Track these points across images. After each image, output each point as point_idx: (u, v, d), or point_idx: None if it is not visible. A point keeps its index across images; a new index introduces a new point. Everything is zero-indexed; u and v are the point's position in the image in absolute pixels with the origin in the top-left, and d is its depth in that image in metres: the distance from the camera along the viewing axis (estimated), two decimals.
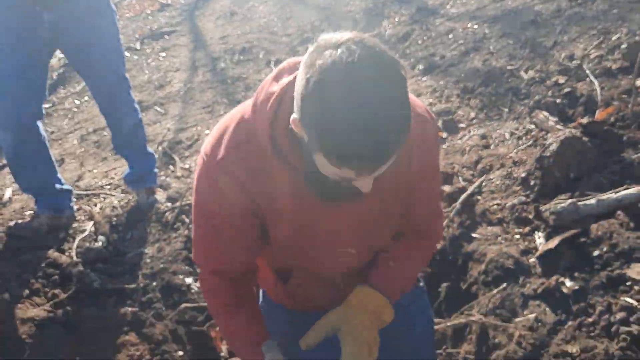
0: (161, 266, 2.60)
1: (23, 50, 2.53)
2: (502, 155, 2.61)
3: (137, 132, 3.00)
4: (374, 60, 0.89)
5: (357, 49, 0.88)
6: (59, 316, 2.26)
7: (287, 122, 1.01)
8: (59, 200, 2.90)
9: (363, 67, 0.87)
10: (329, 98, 0.88)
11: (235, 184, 1.14)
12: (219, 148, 1.14)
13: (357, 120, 0.86)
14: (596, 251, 2.00)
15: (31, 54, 2.56)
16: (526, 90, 2.96)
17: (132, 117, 2.94)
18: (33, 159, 2.74)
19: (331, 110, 0.88)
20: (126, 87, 2.89)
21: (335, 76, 0.87)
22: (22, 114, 2.60)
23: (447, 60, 3.63)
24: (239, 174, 1.13)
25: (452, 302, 2.36)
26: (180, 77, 5.07)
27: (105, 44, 2.71)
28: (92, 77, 2.82)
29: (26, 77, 2.57)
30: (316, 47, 0.92)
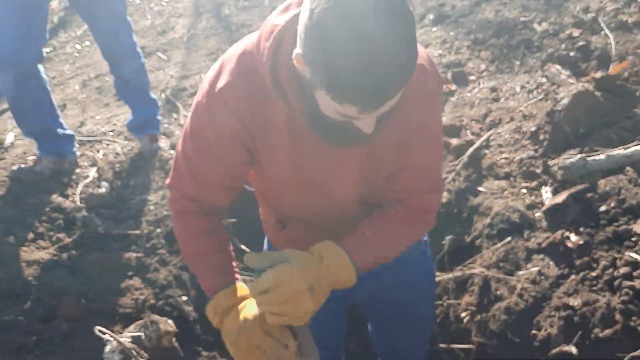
0: (164, 213, 2.60)
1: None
2: (511, 108, 2.57)
3: (140, 76, 2.96)
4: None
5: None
6: (63, 259, 2.28)
7: (289, 56, 0.98)
8: (61, 145, 2.89)
9: (370, 1, 0.84)
10: (333, 31, 0.85)
11: (232, 114, 1.12)
12: (219, 77, 1.12)
13: (361, 55, 0.84)
14: (603, 206, 1.99)
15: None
16: (539, 43, 2.89)
17: (134, 61, 2.90)
18: (34, 102, 2.72)
19: (335, 44, 0.85)
20: (127, 30, 2.84)
21: (341, 8, 0.84)
22: (22, 55, 2.56)
23: (458, 10, 3.53)
24: (236, 104, 1.11)
25: (456, 255, 2.37)
26: (183, 22, 4.95)
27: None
28: (93, 19, 2.78)
29: (26, 18, 2.53)
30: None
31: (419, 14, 3.70)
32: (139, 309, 2.14)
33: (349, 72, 0.86)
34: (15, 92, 2.67)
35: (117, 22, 2.77)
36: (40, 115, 2.78)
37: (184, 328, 2.16)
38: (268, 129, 1.14)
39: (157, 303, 2.18)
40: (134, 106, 3.06)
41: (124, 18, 2.81)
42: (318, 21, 0.86)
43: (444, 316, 2.33)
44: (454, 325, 2.28)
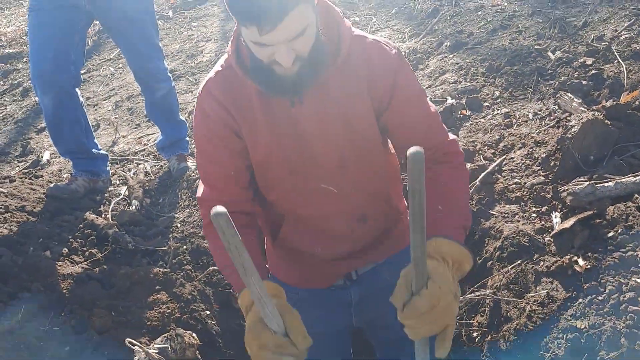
0: (191, 230, 2.73)
1: (64, 19, 2.66)
2: (524, 134, 2.65)
3: (170, 100, 3.12)
4: None
5: None
6: (95, 274, 2.41)
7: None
8: (95, 165, 3.06)
9: None
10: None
11: (216, 102, 1.32)
12: (206, 80, 1.36)
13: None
14: (611, 232, 2.05)
15: (71, 24, 2.70)
16: (552, 71, 2.97)
17: (165, 84, 3.07)
18: (71, 123, 2.88)
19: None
20: (159, 56, 3.01)
21: None
22: (62, 78, 2.74)
23: (475, 37, 3.63)
24: (218, 95, 1.32)
25: (468, 276, 2.43)
26: (211, 47, 5.14)
27: (140, 14, 2.82)
28: (126, 46, 2.95)
29: (66, 43, 2.72)
30: None
31: (437, 41, 3.81)
32: (165, 322, 2.25)
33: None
34: (53, 113, 2.83)
35: (150, 48, 2.94)
36: (76, 136, 2.94)
37: (207, 341, 2.26)
38: (246, 111, 1.32)
39: (182, 317, 2.30)
40: (163, 128, 3.22)
41: (156, 44, 2.98)
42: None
43: (456, 335, 2.40)
44: (466, 345, 2.35)
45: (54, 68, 2.70)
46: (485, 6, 4.04)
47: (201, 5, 6.43)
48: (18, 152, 4.03)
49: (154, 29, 2.95)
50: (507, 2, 3.98)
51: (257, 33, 1.09)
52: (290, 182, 1.43)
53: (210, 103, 1.33)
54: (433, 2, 4.51)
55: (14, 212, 2.65)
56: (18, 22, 7.39)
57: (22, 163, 3.83)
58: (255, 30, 1.09)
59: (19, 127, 4.48)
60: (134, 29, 2.85)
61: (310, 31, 1.16)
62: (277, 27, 1.08)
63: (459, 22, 3.97)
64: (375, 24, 4.58)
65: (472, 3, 4.20)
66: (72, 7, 2.68)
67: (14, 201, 2.75)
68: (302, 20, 1.11)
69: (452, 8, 4.24)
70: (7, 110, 4.87)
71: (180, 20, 6.11)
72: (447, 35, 3.81)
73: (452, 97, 3.07)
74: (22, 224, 2.59)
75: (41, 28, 2.68)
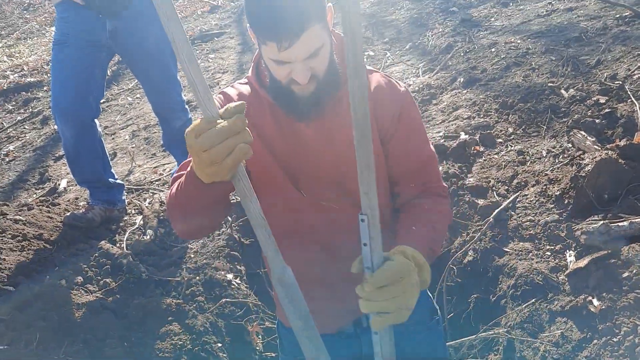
0: (204, 261, 2.75)
1: (86, 54, 2.75)
2: (537, 172, 2.66)
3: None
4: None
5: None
6: (109, 303, 2.43)
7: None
8: (111, 194, 3.10)
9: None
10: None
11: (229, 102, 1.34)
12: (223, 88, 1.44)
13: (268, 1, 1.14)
14: (625, 273, 2.04)
15: (93, 58, 2.78)
16: (566, 109, 2.99)
17: (183, 116, 3.12)
18: (89, 154, 2.94)
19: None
20: (177, 89, 3.07)
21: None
22: (82, 109, 2.81)
23: (489, 74, 3.67)
24: (234, 97, 1.37)
25: (481, 314, 2.43)
26: (227, 78, 5.24)
27: (159, 49, 2.89)
28: (145, 79, 3.02)
29: (87, 76, 2.80)
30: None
31: (450, 77, 3.86)
32: (176, 354, 2.25)
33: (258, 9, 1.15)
34: (72, 144, 2.88)
35: (167, 81, 3.00)
36: (94, 166, 2.98)
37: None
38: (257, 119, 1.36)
39: (193, 349, 2.30)
40: (179, 158, 3.27)
41: (174, 77, 3.04)
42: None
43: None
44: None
45: (74, 100, 2.77)
46: (499, 43, 4.09)
47: (218, 37, 6.58)
48: (36, 180, 4.10)
49: (172, 63, 3.02)
50: (520, 39, 4.03)
51: (277, 50, 1.17)
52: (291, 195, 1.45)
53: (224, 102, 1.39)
54: (447, 38, 4.58)
55: (31, 240, 2.69)
56: (40, 51, 7.60)
57: (39, 190, 3.90)
58: (274, 46, 1.17)
59: (37, 154, 4.57)
60: (152, 63, 2.92)
61: (325, 52, 1.24)
62: (294, 44, 1.16)
63: (472, 58, 4.03)
64: (390, 59, 4.65)
65: (486, 40, 4.26)
66: (94, 43, 2.77)
67: (32, 229, 2.80)
68: (317, 40, 1.19)
69: (466, 44, 4.30)
70: (27, 137, 4.98)
71: (198, 52, 6.24)
72: (460, 71, 3.86)
73: (465, 133, 3.09)
74: (39, 252, 2.63)
75: (64, 62, 2.76)
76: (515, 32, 4.23)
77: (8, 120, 5.54)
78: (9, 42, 8.67)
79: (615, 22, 3.78)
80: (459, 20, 4.85)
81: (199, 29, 7.04)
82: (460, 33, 4.58)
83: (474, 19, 4.81)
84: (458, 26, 4.75)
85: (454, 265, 2.55)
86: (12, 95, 6.19)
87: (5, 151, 4.78)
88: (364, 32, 5.40)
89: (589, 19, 3.99)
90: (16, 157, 4.61)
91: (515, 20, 4.49)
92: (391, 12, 5.75)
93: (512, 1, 4.99)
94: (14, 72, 6.95)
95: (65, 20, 2.74)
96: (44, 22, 9.20)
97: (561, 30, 3.96)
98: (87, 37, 2.74)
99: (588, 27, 3.84)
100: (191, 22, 7.53)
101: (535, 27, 4.17)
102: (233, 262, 2.82)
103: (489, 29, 4.49)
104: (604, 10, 4.08)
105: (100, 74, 2.90)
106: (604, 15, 3.97)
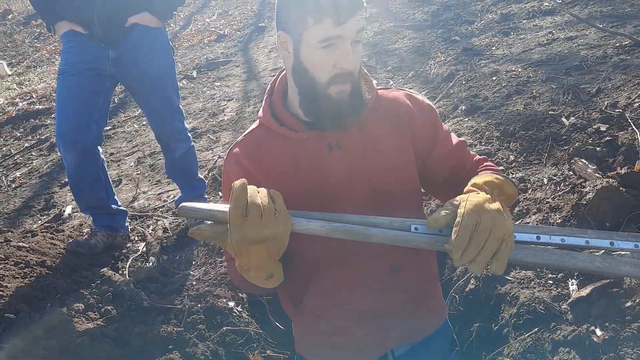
0: (206, 289, 2.75)
1: (90, 83, 2.81)
2: (539, 199, 2.66)
3: (189, 159, 3.21)
4: None
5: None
6: (110, 331, 2.43)
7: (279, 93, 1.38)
8: (115, 220, 3.13)
9: None
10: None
11: (237, 164, 1.39)
12: (233, 145, 1.45)
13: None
14: (628, 302, 2.03)
15: (96, 87, 2.84)
16: (566, 137, 3.00)
17: (185, 144, 3.16)
18: (91, 180, 2.97)
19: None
20: (180, 118, 3.11)
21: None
22: (85, 137, 2.85)
23: (490, 102, 3.70)
24: (240, 156, 1.39)
25: (484, 343, 2.40)
26: (232, 106, 5.30)
27: (161, 79, 2.95)
28: (147, 108, 3.06)
29: (90, 104, 2.85)
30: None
31: (452, 105, 3.89)
32: None
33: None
34: (75, 171, 2.92)
35: (169, 111, 3.04)
36: (96, 193, 3.02)
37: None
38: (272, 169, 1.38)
39: None
40: (182, 186, 3.30)
41: (176, 106, 3.09)
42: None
43: None
44: None
45: (76, 128, 2.82)
46: (500, 71, 4.14)
47: (224, 66, 6.68)
48: (41, 206, 4.13)
49: (174, 92, 3.06)
50: (521, 68, 4.08)
51: (331, 25, 1.20)
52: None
53: (232, 166, 1.39)
54: (449, 66, 4.64)
55: (34, 267, 2.71)
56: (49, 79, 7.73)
57: (44, 217, 3.93)
58: (329, 23, 1.20)
59: (43, 181, 4.62)
60: (154, 92, 2.97)
61: (361, 42, 1.29)
62: (352, 17, 1.20)
63: (474, 86, 4.06)
64: (393, 87, 4.69)
65: (487, 68, 4.31)
66: (98, 71, 2.84)
67: (35, 256, 2.81)
68: (364, 22, 1.24)
69: (468, 73, 4.35)
70: (34, 164, 5.03)
71: (204, 80, 6.34)
72: (462, 99, 3.90)
73: None
74: (41, 279, 2.64)
75: (68, 90, 2.82)
76: (516, 60, 4.28)
77: (16, 147, 5.61)
78: (19, 70, 8.82)
79: (615, 50, 3.82)
80: (460, 49, 4.91)
81: (206, 57, 7.16)
82: (462, 62, 4.63)
83: (476, 48, 4.87)
84: (460, 55, 4.81)
85: (456, 294, 2.54)
86: (20, 122, 6.29)
87: (12, 177, 4.83)
88: (368, 60, 5.47)
89: (589, 48, 4.03)
90: (23, 183, 4.66)
91: (516, 49, 4.55)
92: (394, 41, 5.83)
93: (513, 30, 5.06)
94: (22, 100, 7.06)
95: (70, 51, 2.81)
96: (53, 51, 9.38)
97: (562, 58, 4.00)
98: (90, 66, 2.80)
99: (588, 55, 3.88)
100: (198, 51, 7.65)
101: (536, 56, 4.22)
102: (235, 289, 2.81)
103: (490, 57, 4.55)
104: (604, 39, 4.13)
105: (104, 102, 2.95)
106: (604, 44, 4.02)
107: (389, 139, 1.41)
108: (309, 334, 1.58)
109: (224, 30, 8.41)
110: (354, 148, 1.38)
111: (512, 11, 5.57)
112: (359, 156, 1.39)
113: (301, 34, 1.23)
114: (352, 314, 1.49)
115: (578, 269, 1.14)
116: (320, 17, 1.19)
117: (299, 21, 1.23)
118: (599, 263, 1.18)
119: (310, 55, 1.25)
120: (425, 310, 1.61)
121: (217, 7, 10.53)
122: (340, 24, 1.20)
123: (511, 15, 5.46)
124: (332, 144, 1.36)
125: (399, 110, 1.43)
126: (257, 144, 1.40)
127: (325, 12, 1.19)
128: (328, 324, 1.52)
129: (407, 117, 1.42)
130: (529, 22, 5.17)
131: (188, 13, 10.65)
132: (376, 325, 1.51)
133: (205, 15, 10.13)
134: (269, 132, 1.38)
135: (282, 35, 1.28)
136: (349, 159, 1.38)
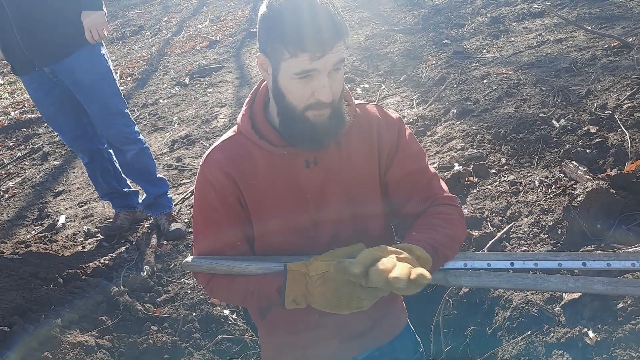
0: (201, 297, 2.75)
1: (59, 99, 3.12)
2: (530, 202, 2.67)
3: (144, 160, 3.32)
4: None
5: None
6: (105, 342, 2.42)
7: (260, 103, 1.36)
8: (129, 199, 3.58)
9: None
10: (273, 7, 1.18)
11: (220, 172, 1.36)
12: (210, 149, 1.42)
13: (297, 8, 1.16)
14: (620, 304, 2.04)
15: (66, 96, 3.11)
16: (557, 139, 3.02)
17: (135, 146, 3.27)
18: (102, 173, 3.41)
19: (276, 11, 1.18)
20: (125, 122, 3.21)
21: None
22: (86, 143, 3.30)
23: (481, 105, 3.72)
24: (222, 162, 1.36)
25: (478, 346, 2.41)
26: (225, 112, 5.30)
27: (96, 87, 3.05)
28: (91, 114, 3.17)
29: (74, 118, 3.19)
30: None
31: (444, 108, 3.91)
32: None
33: (291, 21, 1.16)
34: (88, 167, 3.39)
35: (111, 116, 3.14)
36: (108, 182, 3.43)
37: None
38: (250, 179, 1.36)
39: None
40: (144, 186, 3.42)
41: (119, 111, 3.17)
42: (263, 13, 1.21)
43: None
44: None
45: (74, 138, 3.26)
46: (491, 75, 4.16)
47: (217, 72, 6.68)
48: (35, 216, 4.12)
49: (115, 97, 3.13)
50: (511, 70, 4.10)
51: (308, 60, 1.18)
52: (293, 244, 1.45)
53: (214, 172, 1.36)
54: (440, 70, 4.66)
55: (28, 278, 2.70)
56: None
57: (38, 227, 3.91)
58: (306, 56, 1.17)
59: (36, 190, 4.61)
60: (92, 100, 3.08)
61: (342, 71, 1.27)
62: (327, 53, 1.18)
63: (465, 89, 4.09)
64: (385, 91, 4.71)
65: (478, 71, 4.33)
66: (54, 85, 3.07)
67: (28, 267, 2.81)
68: (343, 53, 1.23)
69: (459, 76, 4.37)
70: (27, 174, 5.02)
71: (197, 86, 6.34)
72: (454, 103, 3.92)
73: (459, 164, 3.12)
74: (34, 290, 2.63)
75: (48, 116, 3.21)
76: (507, 63, 4.31)
77: (8, 156, 5.60)
78: (10, 79, 8.80)
79: (604, 52, 3.85)
80: (451, 53, 4.94)
81: (198, 64, 7.16)
82: (453, 65, 4.66)
83: (466, 51, 4.90)
84: (451, 58, 4.83)
85: (450, 298, 2.55)
86: (12, 131, 6.27)
87: (5, 187, 4.82)
88: (359, 65, 5.49)
89: (578, 50, 4.06)
90: (16, 193, 4.64)
91: (506, 51, 4.58)
92: (385, 45, 5.85)
93: (503, 33, 5.09)
94: (15, 109, 7.04)
95: (27, 87, 3.15)
96: None
97: (551, 61, 4.03)
98: (46, 89, 3.07)
99: (578, 57, 3.91)
100: (190, 57, 7.65)
101: (526, 59, 4.24)
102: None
103: (481, 60, 4.57)
104: (592, 41, 4.16)
105: (75, 107, 3.16)
106: (593, 46, 4.05)
107: (361, 152, 1.41)
108: (275, 347, 1.61)
109: (216, 36, 8.41)
110: (330, 164, 1.38)
111: (502, 14, 5.61)
112: (334, 171, 1.39)
113: (279, 62, 1.22)
114: (319, 327, 1.51)
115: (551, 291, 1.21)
116: (296, 52, 1.17)
117: (277, 51, 1.20)
118: (571, 284, 1.24)
119: (287, 84, 1.24)
120: (389, 316, 1.64)
121: (209, 13, 10.54)
122: (317, 59, 1.17)
123: (501, 18, 5.49)
124: (310, 161, 1.36)
125: (371, 123, 1.42)
126: (238, 152, 1.37)
127: (300, 47, 1.16)
128: (296, 337, 1.54)
129: (377, 130, 1.42)
130: (518, 25, 5.20)
131: (180, 19, 10.66)
132: (343, 336, 1.54)
133: (197, 22, 10.14)
134: (247, 141, 1.37)
135: (261, 57, 1.26)
136: (325, 174, 1.38)
